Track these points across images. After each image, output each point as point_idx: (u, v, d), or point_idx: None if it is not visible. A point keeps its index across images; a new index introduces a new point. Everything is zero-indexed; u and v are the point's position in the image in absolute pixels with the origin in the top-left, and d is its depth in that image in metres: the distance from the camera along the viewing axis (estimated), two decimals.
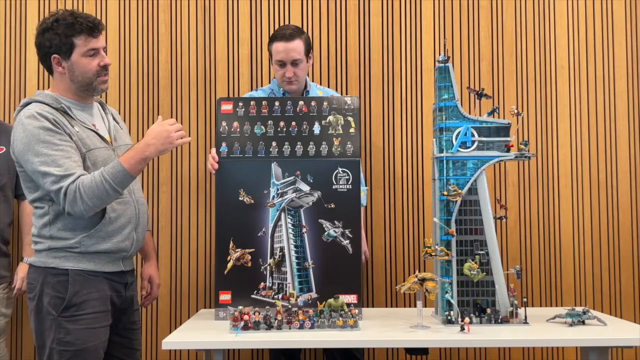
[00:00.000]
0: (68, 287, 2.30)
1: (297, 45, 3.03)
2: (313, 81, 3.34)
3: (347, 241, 2.71)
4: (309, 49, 3.11)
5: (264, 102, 2.79)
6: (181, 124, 3.46)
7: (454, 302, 2.55)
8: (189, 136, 3.47)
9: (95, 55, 2.38)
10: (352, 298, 2.66)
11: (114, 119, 2.58)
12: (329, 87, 3.43)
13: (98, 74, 2.39)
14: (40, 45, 2.38)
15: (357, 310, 2.51)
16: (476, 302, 2.59)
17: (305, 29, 3.28)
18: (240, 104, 2.79)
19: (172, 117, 3.48)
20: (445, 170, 2.63)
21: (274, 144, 2.76)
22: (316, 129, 2.77)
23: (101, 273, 2.37)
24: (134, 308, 2.53)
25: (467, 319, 2.39)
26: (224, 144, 2.76)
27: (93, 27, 2.36)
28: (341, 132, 2.77)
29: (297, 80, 3.08)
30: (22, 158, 2.30)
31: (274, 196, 2.74)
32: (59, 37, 2.33)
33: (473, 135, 2.63)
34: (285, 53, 3.03)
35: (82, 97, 2.43)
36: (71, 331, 2.28)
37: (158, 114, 3.48)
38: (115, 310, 2.43)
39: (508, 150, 2.65)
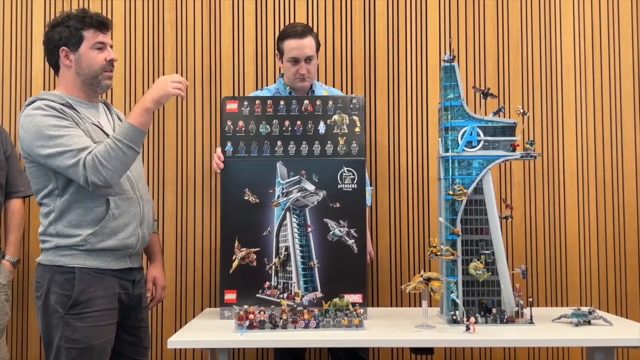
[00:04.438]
0: (75, 284, 2.31)
1: (310, 41, 3.05)
2: (318, 80, 3.34)
3: (352, 240, 2.71)
4: (318, 46, 3.13)
5: (269, 102, 2.79)
6: (186, 123, 3.49)
7: (460, 301, 2.55)
8: (194, 131, 3.48)
9: (103, 49, 2.42)
10: (357, 297, 2.66)
11: (118, 118, 2.59)
12: (334, 86, 3.43)
13: (104, 69, 2.42)
14: (49, 39, 2.42)
15: (362, 310, 2.52)
16: (481, 302, 2.58)
17: None
18: (246, 103, 2.79)
19: (177, 117, 3.49)
20: (450, 169, 2.63)
21: (279, 143, 2.76)
22: (321, 128, 2.77)
23: (108, 270, 2.37)
24: (142, 306, 2.53)
25: (472, 319, 2.39)
26: (229, 143, 2.76)
27: (102, 23, 2.42)
28: (346, 131, 2.77)
29: (309, 77, 3.09)
30: (31, 148, 2.29)
31: (279, 195, 2.74)
32: (69, 29, 2.38)
33: (479, 135, 2.63)
34: (300, 50, 3.03)
35: (87, 94, 2.45)
36: (78, 329, 2.28)
37: (163, 113, 3.49)
38: (123, 308, 2.43)
39: (514, 150, 2.64)
